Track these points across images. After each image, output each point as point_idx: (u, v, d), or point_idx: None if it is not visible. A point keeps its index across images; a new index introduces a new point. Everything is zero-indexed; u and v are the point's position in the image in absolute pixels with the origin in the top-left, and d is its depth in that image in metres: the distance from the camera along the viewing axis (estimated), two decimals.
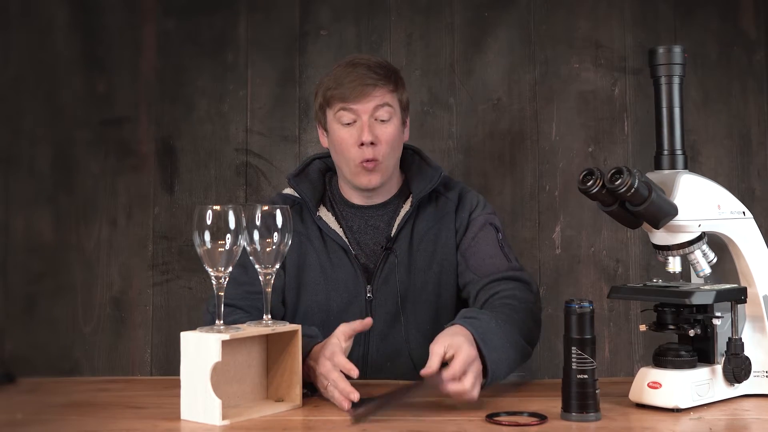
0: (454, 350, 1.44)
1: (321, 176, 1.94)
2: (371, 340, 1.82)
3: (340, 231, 1.86)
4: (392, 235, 1.85)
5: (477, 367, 1.46)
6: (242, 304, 1.74)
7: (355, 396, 1.42)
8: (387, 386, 1.63)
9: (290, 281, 1.85)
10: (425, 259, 1.85)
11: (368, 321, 1.56)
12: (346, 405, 1.42)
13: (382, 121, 1.81)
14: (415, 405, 1.46)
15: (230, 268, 1.38)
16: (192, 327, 1.39)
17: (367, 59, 1.85)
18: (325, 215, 1.88)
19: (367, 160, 1.80)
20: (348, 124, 1.81)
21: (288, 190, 1.93)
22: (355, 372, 1.47)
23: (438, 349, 1.45)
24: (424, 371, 1.44)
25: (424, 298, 1.83)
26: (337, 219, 1.88)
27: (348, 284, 1.83)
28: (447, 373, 1.43)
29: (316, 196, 1.90)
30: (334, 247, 1.85)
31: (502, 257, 1.83)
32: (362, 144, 1.79)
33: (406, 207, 1.88)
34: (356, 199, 1.90)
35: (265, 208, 1.42)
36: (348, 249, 1.84)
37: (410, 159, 1.95)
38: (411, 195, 1.89)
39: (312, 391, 1.55)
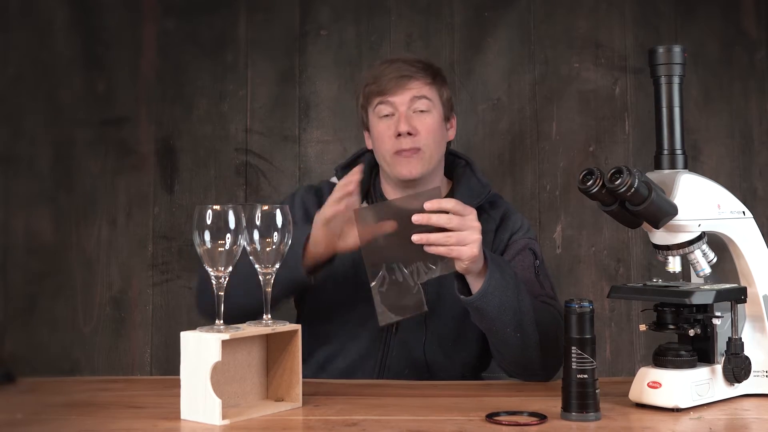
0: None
1: (369, 170, 1.88)
2: (391, 345, 1.77)
3: None
4: None
5: (474, 233, 1.51)
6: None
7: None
8: (398, 385, 1.63)
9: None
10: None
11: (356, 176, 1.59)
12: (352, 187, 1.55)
13: (422, 111, 1.77)
14: (414, 405, 1.46)
15: (230, 268, 1.37)
16: (192, 327, 1.39)
17: (406, 56, 1.83)
18: None
19: (405, 150, 1.75)
20: (386, 116, 1.77)
21: (334, 179, 1.89)
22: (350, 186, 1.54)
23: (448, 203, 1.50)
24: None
25: (450, 313, 1.76)
26: None
27: None
28: (446, 202, 1.50)
29: (361, 190, 1.81)
30: None
31: (536, 284, 1.76)
32: (399, 135, 1.74)
33: None
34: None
35: (265, 207, 1.42)
36: None
37: (461, 170, 1.90)
38: None
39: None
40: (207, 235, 1.34)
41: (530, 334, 1.62)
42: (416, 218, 1.49)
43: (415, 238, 1.48)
